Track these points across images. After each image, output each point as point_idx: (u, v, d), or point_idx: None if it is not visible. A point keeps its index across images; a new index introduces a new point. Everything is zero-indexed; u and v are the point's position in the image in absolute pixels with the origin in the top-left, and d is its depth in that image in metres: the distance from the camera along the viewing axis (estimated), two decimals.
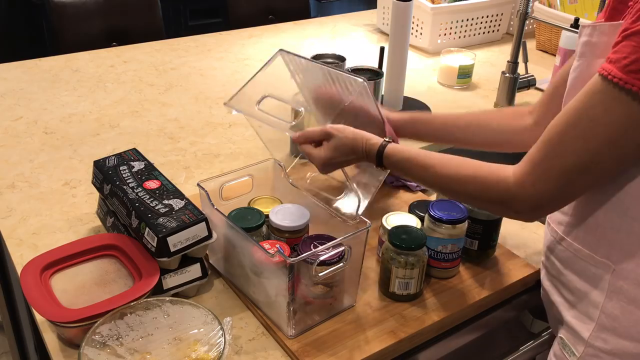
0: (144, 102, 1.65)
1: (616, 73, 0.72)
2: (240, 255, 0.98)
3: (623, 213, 0.81)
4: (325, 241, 0.93)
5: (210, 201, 1.00)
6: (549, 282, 0.97)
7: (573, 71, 0.86)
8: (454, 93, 1.82)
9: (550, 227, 0.94)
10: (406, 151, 0.94)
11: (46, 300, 0.88)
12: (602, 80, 0.74)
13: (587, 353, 0.87)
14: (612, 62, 0.73)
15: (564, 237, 0.90)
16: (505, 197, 0.83)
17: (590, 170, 0.77)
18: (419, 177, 0.94)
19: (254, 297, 0.98)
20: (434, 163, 0.91)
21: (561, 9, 2.05)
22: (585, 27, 0.84)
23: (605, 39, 0.80)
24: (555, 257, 0.93)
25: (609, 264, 0.83)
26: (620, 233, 0.82)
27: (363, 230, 0.94)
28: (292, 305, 0.90)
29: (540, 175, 0.79)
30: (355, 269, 0.97)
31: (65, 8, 2.13)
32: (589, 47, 0.83)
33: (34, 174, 1.31)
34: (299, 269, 0.89)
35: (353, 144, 0.97)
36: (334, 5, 3.77)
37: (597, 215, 0.84)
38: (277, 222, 1.01)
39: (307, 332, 0.93)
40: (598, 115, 0.74)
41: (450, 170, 0.89)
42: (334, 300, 0.97)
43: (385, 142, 0.96)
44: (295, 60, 1.12)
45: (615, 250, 0.83)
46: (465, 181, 0.87)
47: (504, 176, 0.83)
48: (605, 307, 0.84)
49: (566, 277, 0.91)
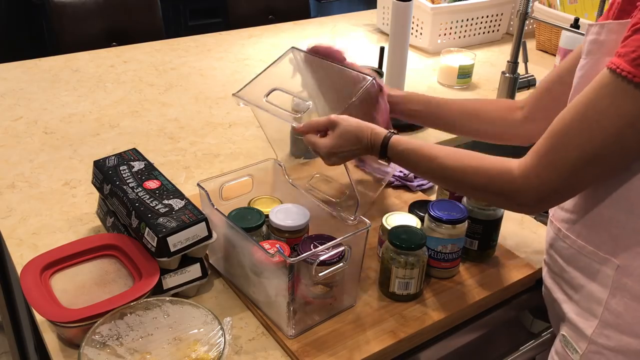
0: (144, 102, 1.65)
1: (625, 66, 0.72)
2: (240, 255, 0.98)
3: (628, 210, 0.81)
4: (325, 241, 0.93)
5: (210, 201, 1.00)
6: (551, 280, 0.97)
7: (580, 69, 0.86)
8: (454, 93, 1.82)
9: (553, 225, 0.94)
10: (411, 142, 0.94)
11: (46, 300, 0.88)
12: (610, 74, 0.74)
13: (590, 350, 0.87)
14: (621, 55, 0.73)
15: (567, 234, 0.90)
16: (509, 189, 0.83)
17: (596, 163, 0.77)
18: (423, 168, 0.94)
19: (254, 297, 0.98)
20: (439, 155, 0.91)
21: (561, 9, 2.05)
22: (593, 25, 0.84)
23: (613, 37, 0.80)
24: (557, 255, 0.93)
25: (613, 260, 0.83)
26: (626, 230, 0.82)
27: (363, 230, 0.94)
28: (292, 305, 0.90)
29: (546, 167, 0.80)
30: (355, 269, 0.97)
31: (65, 8, 2.13)
32: (596, 45, 0.83)
33: (34, 174, 1.31)
34: (299, 269, 0.89)
35: (358, 132, 0.97)
36: (334, 5, 3.77)
37: (602, 212, 0.84)
38: (277, 222, 1.01)
39: (307, 332, 0.93)
40: (605, 108, 0.74)
41: (455, 162, 0.89)
42: (334, 300, 0.97)
43: (391, 133, 0.96)
44: (305, 57, 1.13)
45: (620, 247, 0.83)
46: (469, 173, 0.87)
47: (508, 168, 0.83)
48: (609, 304, 0.84)
49: (569, 274, 0.91)
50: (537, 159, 0.80)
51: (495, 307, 1.07)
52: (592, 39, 0.84)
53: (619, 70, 0.73)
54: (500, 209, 1.08)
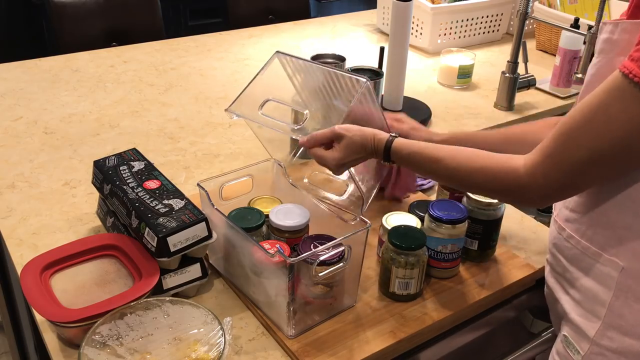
0: (144, 102, 1.65)
1: (638, 72, 0.72)
2: (240, 255, 0.98)
3: (635, 212, 0.81)
4: (325, 241, 0.93)
5: (210, 201, 1.00)
6: (553, 279, 0.97)
7: (592, 67, 0.86)
8: (454, 93, 1.82)
9: (557, 224, 0.94)
10: (414, 145, 0.94)
11: (46, 300, 0.88)
12: (622, 78, 0.73)
13: (592, 351, 0.87)
14: (634, 60, 0.72)
15: (571, 234, 0.90)
16: (515, 187, 0.84)
17: (603, 164, 0.77)
18: (428, 169, 0.94)
19: (254, 297, 0.98)
20: (443, 156, 0.91)
21: (561, 9, 2.05)
22: (606, 24, 0.83)
23: (627, 36, 0.80)
24: (561, 255, 0.93)
25: (617, 262, 0.83)
26: (632, 232, 0.81)
27: (363, 230, 0.94)
28: (292, 305, 0.90)
29: (552, 167, 0.80)
30: (355, 269, 0.97)
31: (65, 8, 2.13)
32: (609, 44, 0.83)
33: (34, 174, 1.31)
34: (299, 269, 0.89)
35: (362, 141, 0.97)
36: (334, 5, 3.77)
37: (608, 213, 0.84)
38: (277, 222, 1.01)
39: (307, 332, 0.93)
40: (614, 113, 0.74)
41: (460, 162, 0.89)
42: (334, 300, 0.97)
43: (392, 137, 0.96)
44: (293, 61, 1.12)
45: (625, 249, 0.82)
46: (475, 172, 0.88)
47: (514, 166, 0.84)
48: (613, 306, 0.84)
49: (572, 275, 0.91)
50: (543, 158, 0.81)
51: (495, 307, 1.07)
52: (605, 37, 0.83)
53: (631, 76, 0.72)
54: (500, 209, 1.08)
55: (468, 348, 1.05)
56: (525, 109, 1.73)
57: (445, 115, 1.67)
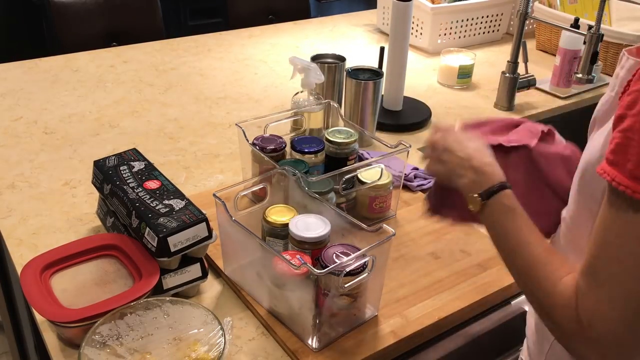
0: (143, 102, 1.65)
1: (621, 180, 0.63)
2: (259, 266, 0.95)
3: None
4: (347, 250, 0.90)
5: (228, 212, 0.95)
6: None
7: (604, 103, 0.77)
8: (454, 93, 1.82)
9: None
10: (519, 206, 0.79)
11: (46, 300, 0.88)
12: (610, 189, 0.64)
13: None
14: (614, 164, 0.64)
15: None
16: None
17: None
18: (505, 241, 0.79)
19: (275, 311, 0.96)
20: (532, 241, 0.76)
21: (561, 9, 2.05)
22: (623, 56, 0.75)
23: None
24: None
25: None
26: None
27: (389, 239, 0.90)
28: (318, 318, 0.88)
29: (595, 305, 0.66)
30: (378, 279, 0.95)
31: (65, 8, 2.13)
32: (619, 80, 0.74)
33: (34, 174, 1.31)
34: (324, 280, 0.86)
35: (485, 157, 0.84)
36: (334, 5, 3.77)
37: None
38: (299, 234, 0.95)
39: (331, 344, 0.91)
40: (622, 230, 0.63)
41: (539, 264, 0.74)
42: (358, 312, 0.95)
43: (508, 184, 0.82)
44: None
45: None
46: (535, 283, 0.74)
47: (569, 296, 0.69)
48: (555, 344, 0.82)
49: None
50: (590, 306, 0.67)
51: (495, 307, 1.07)
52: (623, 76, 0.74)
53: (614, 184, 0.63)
54: None
55: (468, 348, 1.05)
56: (525, 109, 1.74)
57: (445, 116, 1.67)
